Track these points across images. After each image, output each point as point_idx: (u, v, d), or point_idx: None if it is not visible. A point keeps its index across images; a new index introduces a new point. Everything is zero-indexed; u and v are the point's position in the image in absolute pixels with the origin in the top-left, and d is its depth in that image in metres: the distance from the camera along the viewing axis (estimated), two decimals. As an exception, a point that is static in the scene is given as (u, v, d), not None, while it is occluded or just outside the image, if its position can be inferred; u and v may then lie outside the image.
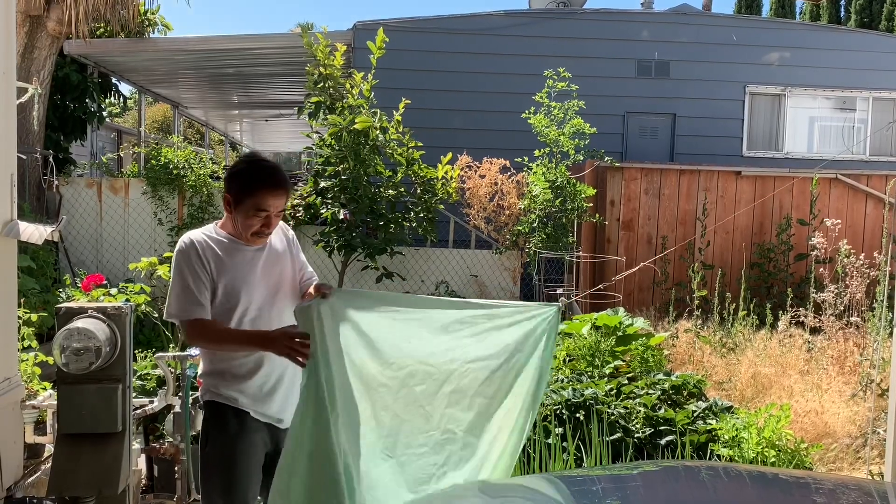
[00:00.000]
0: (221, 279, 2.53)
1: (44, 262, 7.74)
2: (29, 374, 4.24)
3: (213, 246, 2.55)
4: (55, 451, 2.80)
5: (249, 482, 2.55)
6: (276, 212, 2.53)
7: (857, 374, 5.27)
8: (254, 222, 2.51)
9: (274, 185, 2.50)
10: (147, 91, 13.90)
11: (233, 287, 2.53)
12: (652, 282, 8.59)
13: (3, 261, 3.47)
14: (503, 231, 8.37)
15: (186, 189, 8.64)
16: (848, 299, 5.96)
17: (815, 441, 4.39)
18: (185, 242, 2.54)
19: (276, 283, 2.63)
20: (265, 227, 2.54)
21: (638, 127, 11.13)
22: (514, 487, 2.24)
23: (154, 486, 3.89)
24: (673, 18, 11.62)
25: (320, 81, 7.59)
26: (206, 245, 2.54)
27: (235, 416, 2.56)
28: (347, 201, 7.43)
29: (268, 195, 2.49)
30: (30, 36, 8.90)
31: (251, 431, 2.57)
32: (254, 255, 2.60)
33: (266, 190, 2.49)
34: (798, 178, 8.83)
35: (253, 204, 2.48)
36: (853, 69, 11.26)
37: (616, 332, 5.60)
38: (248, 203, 2.49)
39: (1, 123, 3.43)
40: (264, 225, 2.53)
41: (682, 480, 2.02)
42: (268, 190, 2.49)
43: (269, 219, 2.53)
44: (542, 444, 3.96)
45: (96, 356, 2.67)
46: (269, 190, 2.49)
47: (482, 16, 10.93)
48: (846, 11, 20.94)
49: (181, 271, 2.50)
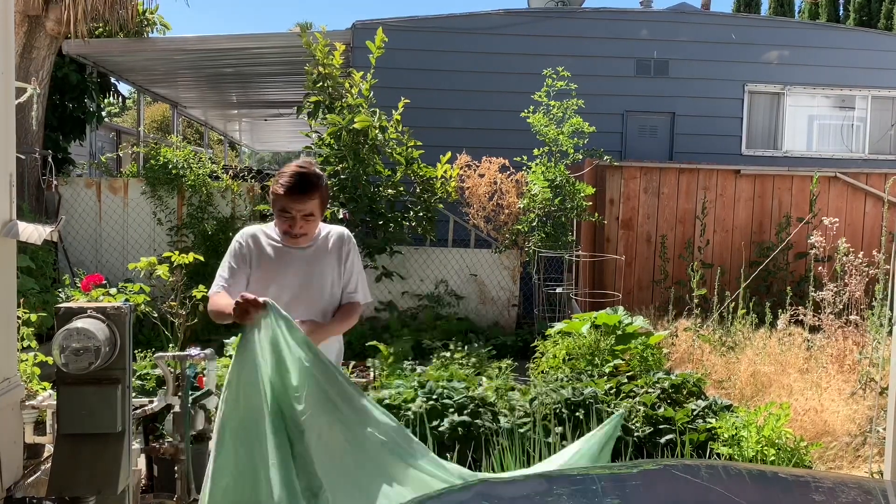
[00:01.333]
0: (256, 271, 2.85)
1: (43, 263, 7.73)
2: (28, 374, 4.24)
3: (262, 240, 2.89)
4: (55, 451, 2.80)
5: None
6: (300, 214, 2.78)
7: (856, 372, 5.27)
8: (282, 223, 2.82)
9: (293, 191, 2.76)
10: (146, 91, 13.89)
11: (264, 278, 2.84)
12: (651, 280, 8.60)
13: (3, 261, 3.47)
14: (502, 230, 8.36)
15: (186, 189, 8.63)
16: (847, 298, 5.97)
17: (814, 439, 4.39)
18: (239, 235, 2.93)
19: (309, 282, 2.86)
20: (291, 227, 2.79)
21: (637, 126, 11.13)
22: (514, 485, 2.24)
23: (154, 486, 3.90)
24: (672, 17, 11.62)
25: (319, 81, 7.59)
26: (255, 239, 2.89)
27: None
28: (347, 200, 7.43)
29: (288, 200, 2.76)
30: (28, 36, 8.89)
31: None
32: (294, 255, 2.88)
33: (286, 195, 2.76)
34: (797, 177, 8.83)
35: (279, 207, 2.80)
36: (852, 68, 11.27)
37: (615, 331, 5.60)
38: (276, 207, 2.81)
39: (0, 124, 3.43)
40: (290, 226, 2.79)
41: (681, 479, 2.02)
42: (288, 195, 2.76)
43: (294, 220, 2.78)
44: (541, 442, 3.97)
45: (96, 356, 2.66)
46: (288, 195, 2.76)
47: (481, 15, 10.93)
48: (845, 10, 20.93)
49: (227, 257, 2.90)
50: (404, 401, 4.20)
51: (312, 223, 2.85)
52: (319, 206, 2.84)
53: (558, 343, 5.79)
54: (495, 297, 8.57)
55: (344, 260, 2.95)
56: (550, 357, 5.66)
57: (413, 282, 8.44)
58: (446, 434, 4.00)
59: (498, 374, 5.83)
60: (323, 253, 2.92)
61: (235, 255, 2.87)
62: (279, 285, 2.82)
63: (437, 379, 4.51)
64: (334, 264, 2.93)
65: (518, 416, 4.30)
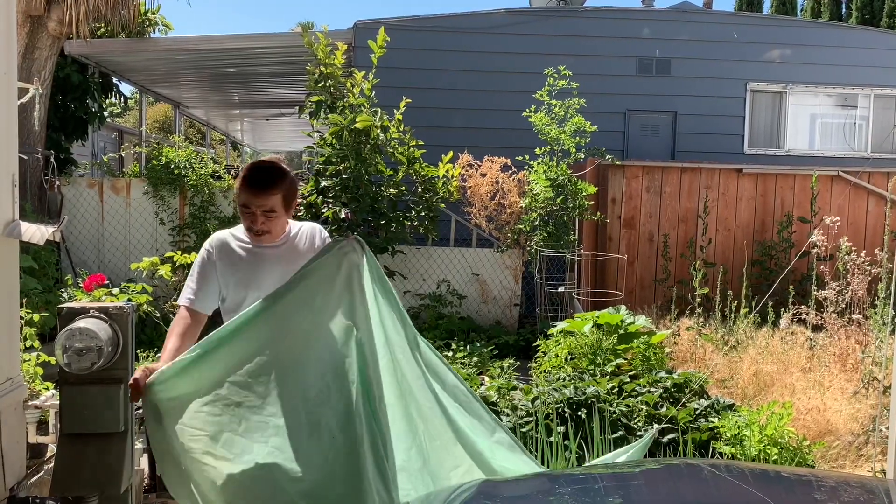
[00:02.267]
0: (232, 275, 2.75)
1: (46, 263, 7.74)
2: (31, 374, 4.25)
3: (232, 244, 2.79)
4: (58, 450, 2.80)
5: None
6: (260, 210, 2.67)
7: (859, 371, 5.26)
8: (245, 220, 2.70)
9: (253, 186, 2.67)
10: (148, 91, 13.90)
11: (241, 282, 2.75)
12: (653, 279, 8.59)
13: (6, 261, 3.47)
14: (504, 229, 8.36)
15: (188, 189, 8.64)
16: (850, 296, 5.96)
17: (817, 439, 4.38)
18: (207, 242, 2.83)
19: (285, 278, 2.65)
20: (252, 223, 2.69)
21: (639, 125, 11.12)
22: (517, 485, 2.24)
23: (156, 486, 3.90)
24: (674, 16, 11.61)
25: (321, 80, 7.58)
26: (223, 245, 2.79)
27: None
28: (349, 200, 7.43)
29: (249, 195, 2.66)
30: (31, 36, 8.90)
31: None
32: (265, 254, 2.77)
33: (246, 190, 2.67)
34: (799, 176, 8.82)
35: (241, 202, 2.70)
36: (854, 66, 11.25)
37: (618, 331, 5.60)
38: (239, 202, 2.72)
39: (2, 124, 3.44)
40: (252, 222, 2.68)
41: (684, 478, 2.02)
42: (248, 190, 2.66)
43: (255, 216, 2.67)
44: (544, 442, 3.97)
45: (98, 356, 2.66)
46: (249, 190, 2.66)
47: (483, 14, 10.93)
48: (847, 8, 20.89)
49: (194, 265, 2.82)
50: (406, 400, 4.20)
51: (275, 220, 2.70)
52: (282, 202, 2.70)
53: (560, 342, 5.78)
54: (497, 296, 8.57)
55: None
56: (553, 356, 5.66)
57: (415, 281, 8.44)
58: (448, 433, 4.00)
59: (500, 374, 5.83)
60: (294, 251, 2.79)
61: (203, 266, 2.78)
62: (256, 288, 2.71)
63: (439, 378, 4.50)
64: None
65: (520, 415, 4.30)
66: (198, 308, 2.74)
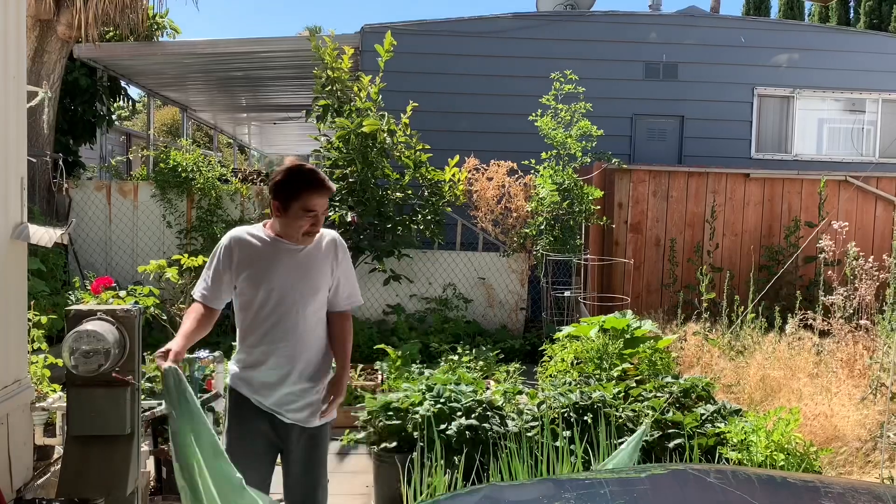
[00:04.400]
0: (245, 271, 2.78)
1: (53, 265, 7.78)
2: (39, 376, 4.27)
3: (251, 241, 2.81)
4: (65, 452, 2.81)
5: (246, 468, 2.60)
6: (321, 210, 2.76)
7: (866, 377, 5.23)
8: (303, 223, 2.74)
9: (316, 187, 2.72)
10: (156, 94, 13.97)
11: (255, 277, 2.77)
12: (660, 284, 8.57)
13: (14, 263, 3.49)
14: (510, 233, 8.36)
15: (195, 192, 8.67)
16: (857, 302, 5.93)
17: (824, 444, 4.36)
18: (226, 236, 2.87)
19: (301, 279, 2.81)
20: (314, 225, 2.75)
21: (646, 129, 11.10)
22: (522, 490, 2.23)
23: (162, 489, 3.91)
24: (681, 20, 11.59)
25: (328, 84, 7.60)
26: (242, 241, 2.82)
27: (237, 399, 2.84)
28: (355, 204, 7.44)
29: (313, 196, 2.72)
30: (40, 40, 8.96)
31: (251, 419, 2.79)
32: (288, 253, 2.81)
33: (310, 192, 2.71)
34: (807, 180, 8.79)
35: (300, 206, 2.71)
36: (862, 71, 11.21)
37: (624, 335, 5.58)
38: (295, 206, 2.71)
39: (11, 127, 3.46)
40: (313, 224, 2.75)
41: (690, 484, 2.01)
42: (312, 191, 2.71)
43: (318, 217, 2.75)
44: (549, 446, 3.96)
45: (105, 358, 2.68)
46: (313, 191, 2.72)
47: (490, 18, 10.94)
48: (855, 13, 20.85)
49: (209, 259, 2.86)
50: (412, 404, 4.20)
51: (324, 216, 2.83)
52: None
53: (566, 347, 5.77)
54: (503, 300, 8.57)
55: (338, 263, 2.90)
56: (559, 361, 5.65)
57: (421, 285, 8.45)
58: (454, 438, 3.99)
59: (506, 378, 5.83)
60: (316, 252, 2.85)
61: (215, 260, 2.83)
62: (269, 283, 2.77)
63: (444, 382, 4.50)
64: (327, 267, 2.87)
65: (526, 419, 4.29)
66: (210, 304, 2.81)
